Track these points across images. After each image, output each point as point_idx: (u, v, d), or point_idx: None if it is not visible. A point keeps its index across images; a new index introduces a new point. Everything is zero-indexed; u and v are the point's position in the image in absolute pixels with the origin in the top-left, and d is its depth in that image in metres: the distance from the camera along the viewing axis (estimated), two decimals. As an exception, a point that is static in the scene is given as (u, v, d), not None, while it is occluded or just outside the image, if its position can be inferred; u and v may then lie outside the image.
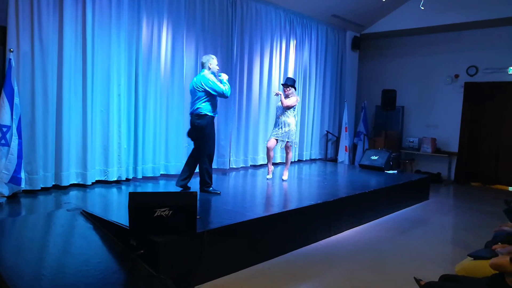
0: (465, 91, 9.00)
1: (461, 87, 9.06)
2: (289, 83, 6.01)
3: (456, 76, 9.11)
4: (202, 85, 4.67)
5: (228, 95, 4.81)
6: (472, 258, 2.77)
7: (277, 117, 6.04)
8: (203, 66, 4.85)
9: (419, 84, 9.64)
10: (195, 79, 4.85)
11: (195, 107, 4.73)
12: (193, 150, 4.98)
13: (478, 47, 8.79)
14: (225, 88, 4.73)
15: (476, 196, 7.87)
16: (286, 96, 5.98)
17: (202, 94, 4.69)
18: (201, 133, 4.74)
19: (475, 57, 8.84)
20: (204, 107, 4.71)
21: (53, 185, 4.93)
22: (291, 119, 5.98)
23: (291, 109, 5.94)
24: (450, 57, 9.16)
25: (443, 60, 9.27)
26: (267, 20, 7.49)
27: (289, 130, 5.93)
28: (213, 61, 4.82)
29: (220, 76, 4.83)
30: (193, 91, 4.80)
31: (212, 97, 4.75)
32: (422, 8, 6.36)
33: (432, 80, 9.46)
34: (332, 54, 9.19)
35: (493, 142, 8.77)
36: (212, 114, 4.78)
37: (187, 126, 6.12)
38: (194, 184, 5.05)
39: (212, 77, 4.73)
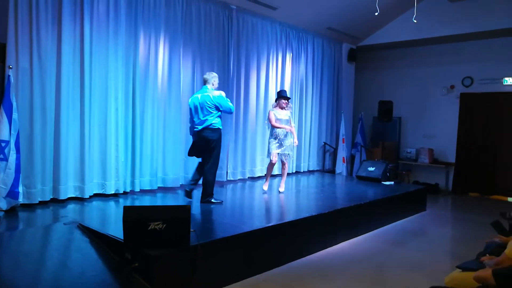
0: (461, 102, 9.07)
1: (457, 98, 9.13)
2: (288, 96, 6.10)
3: (452, 87, 9.19)
4: (212, 101, 4.93)
5: (233, 111, 5.21)
6: (461, 270, 2.79)
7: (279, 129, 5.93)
8: (206, 82, 5.09)
9: (415, 95, 9.72)
10: (200, 95, 5.01)
11: (208, 123, 4.93)
12: (202, 163, 5.19)
13: (473, 58, 8.89)
14: (232, 105, 5.13)
15: (474, 207, 7.88)
16: (283, 109, 6.02)
17: (213, 109, 4.94)
18: (214, 145, 4.99)
19: (470, 68, 8.93)
20: (217, 122, 4.98)
21: (51, 198, 4.98)
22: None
23: (290, 120, 6.00)
24: (445, 68, 9.26)
25: (439, 71, 9.36)
26: (263, 34, 7.60)
27: (292, 142, 5.99)
28: (216, 79, 5.14)
29: None
30: (200, 107, 4.96)
31: (221, 112, 5.04)
32: (415, 21, 6.46)
33: (429, 91, 9.54)
34: (329, 66, 9.28)
35: (490, 152, 8.79)
36: (222, 127, 5.09)
37: (184, 140, 6.23)
38: (198, 195, 5.18)
39: (218, 94, 5.01)
